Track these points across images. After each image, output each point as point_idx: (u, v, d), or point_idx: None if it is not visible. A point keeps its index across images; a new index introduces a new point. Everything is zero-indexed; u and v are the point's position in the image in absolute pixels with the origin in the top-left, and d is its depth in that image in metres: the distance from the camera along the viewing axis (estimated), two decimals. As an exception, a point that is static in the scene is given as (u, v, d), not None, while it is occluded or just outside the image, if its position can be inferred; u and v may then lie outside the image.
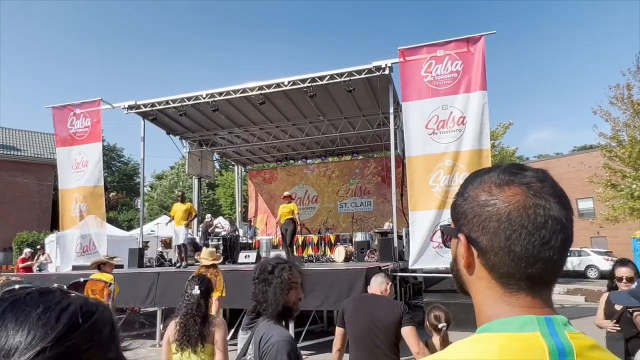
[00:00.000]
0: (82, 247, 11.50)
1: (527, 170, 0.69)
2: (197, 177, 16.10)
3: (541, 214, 0.64)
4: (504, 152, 24.84)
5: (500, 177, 0.68)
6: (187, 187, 32.36)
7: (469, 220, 0.69)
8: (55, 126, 12.22)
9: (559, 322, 0.62)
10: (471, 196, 0.70)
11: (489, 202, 0.67)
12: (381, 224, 14.23)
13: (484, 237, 0.66)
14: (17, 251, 22.27)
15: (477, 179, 0.71)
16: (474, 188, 0.70)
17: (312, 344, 7.63)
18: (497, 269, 0.66)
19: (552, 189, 0.66)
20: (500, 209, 0.65)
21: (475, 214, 0.68)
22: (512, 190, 0.66)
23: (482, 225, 0.67)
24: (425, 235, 8.48)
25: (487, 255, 0.66)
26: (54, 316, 0.41)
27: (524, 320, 0.62)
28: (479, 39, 8.67)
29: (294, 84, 10.67)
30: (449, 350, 0.66)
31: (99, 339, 0.44)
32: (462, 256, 0.70)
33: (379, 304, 3.01)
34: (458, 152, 8.54)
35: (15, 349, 0.37)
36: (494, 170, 0.70)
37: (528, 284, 0.65)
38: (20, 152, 28.91)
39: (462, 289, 0.75)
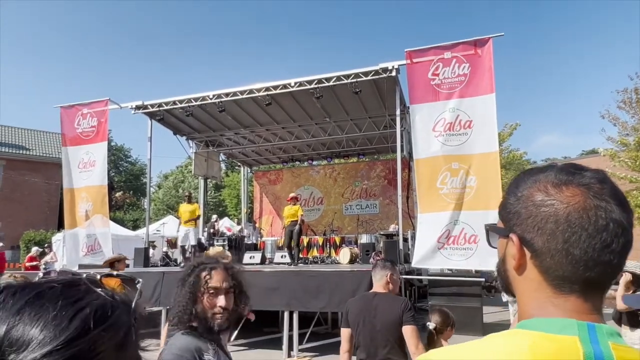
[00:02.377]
0: (87, 247, 11.54)
1: (586, 170, 0.66)
2: (204, 177, 16.15)
3: (602, 217, 0.61)
4: (512, 155, 24.64)
5: (557, 177, 0.66)
6: (192, 187, 32.53)
7: (523, 221, 0.67)
8: (63, 126, 12.31)
9: (603, 330, 0.60)
10: (525, 195, 0.68)
11: (546, 203, 0.65)
12: (386, 226, 14.18)
13: (539, 238, 0.64)
14: (24, 249, 22.48)
15: (531, 178, 0.69)
16: (528, 187, 0.68)
17: (316, 346, 7.62)
18: (552, 271, 0.64)
19: (611, 190, 0.64)
20: (559, 210, 0.63)
21: (530, 214, 0.66)
22: (570, 191, 0.64)
23: (538, 226, 0.65)
24: (432, 237, 8.45)
25: (542, 257, 0.64)
26: (67, 317, 0.41)
27: (563, 323, 0.61)
28: (487, 41, 8.62)
29: (300, 85, 10.68)
30: (481, 341, 0.64)
31: (113, 341, 0.43)
32: (512, 257, 0.68)
33: (379, 303, 2.90)
34: (465, 155, 8.50)
35: (27, 345, 0.37)
36: (550, 169, 0.68)
37: (582, 288, 0.63)
38: (29, 152, 29.20)
39: (507, 289, 0.72)
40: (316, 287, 7.36)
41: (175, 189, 36.33)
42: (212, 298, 1.67)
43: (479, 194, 8.25)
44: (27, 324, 0.39)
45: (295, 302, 7.39)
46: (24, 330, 0.38)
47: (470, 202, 8.31)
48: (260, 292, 7.39)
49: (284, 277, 7.81)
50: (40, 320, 0.39)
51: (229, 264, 1.80)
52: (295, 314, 7.41)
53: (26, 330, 0.38)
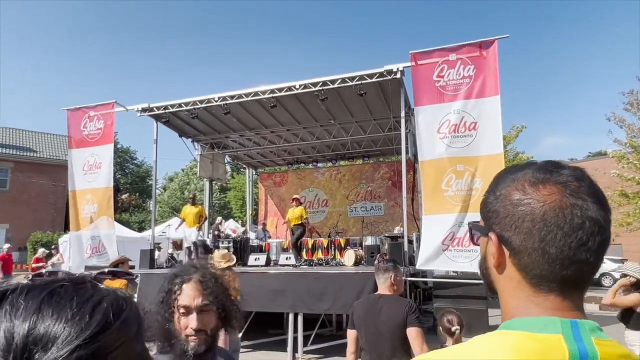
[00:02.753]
0: (92, 249, 11.60)
1: (564, 168, 0.67)
2: (209, 179, 16.21)
3: (578, 215, 0.62)
4: (518, 158, 24.53)
5: (535, 176, 0.66)
6: (198, 189, 32.65)
7: (501, 219, 0.67)
8: (69, 128, 12.40)
9: (585, 326, 0.60)
10: (503, 194, 0.68)
11: (523, 202, 0.65)
12: (391, 228, 14.16)
13: (516, 237, 0.65)
14: (31, 251, 22.65)
15: (510, 177, 0.69)
16: (507, 186, 0.68)
17: (321, 348, 7.62)
18: (530, 269, 0.64)
19: (589, 188, 0.64)
20: (535, 208, 0.64)
21: (508, 213, 0.66)
22: (547, 190, 0.64)
23: (515, 225, 0.65)
24: (437, 239, 8.43)
25: (520, 256, 0.65)
26: (87, 312, 0.42)
27: (546, 321, 0.61)
28: (492, 43, 8.61)
29: (305, 87, 10.71)
30: (465, 344, 0.65)
31: (129, 335, 0.45)
32: (492, 255, 0.69)
33: (385, 305, 2.89)
34: (470, 157, 8.48)
35: (53, 342, 0.38)
36: (528, 167, 0.68)
37: (560, 286, 0.63)
38: (36, 154, 29.44)
39: (490, 288, 0.73)
40: (321, 289, 7.37)
41: (180, 191, 36.49)
42: (183, 318, 1.41)
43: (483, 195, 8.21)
44: (49, 322, 0.39)
45: (300, 304, 7.39)
46: (47, 328, 0.39)
47: (475, 204, 8.29)
48: (265, 294, 7.41)
49: (288, 279, 7.82)
50: (61, 318, 0.40)
51: (207, 274, 1.49)
52: (300, 315, 7.41)
53: (49, 328, 0.39)
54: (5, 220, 27.16)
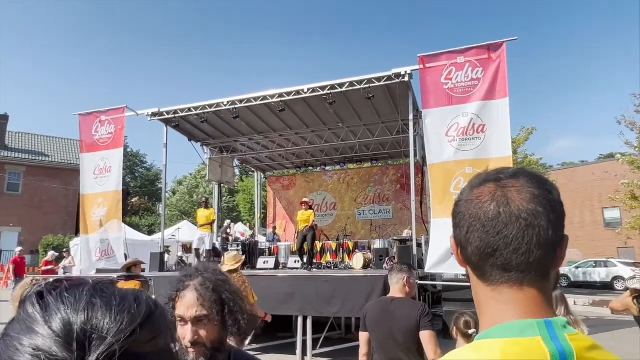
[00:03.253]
0: (101, 252, 11.68)
1: (506, 170, 0.73)
2: (218, 183, 16.32)
3: (494, 207, 0.68)
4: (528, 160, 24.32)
5: (477, 179, 0.74)
6: (207, 192, 32.83)
7: (452, 220, 0.76)
8: (81, 133, 12.54)
9: (558, 324, 0.63)
10: (456, 199, 0.77)
11: (461, 202, 0.74)
12: (400, 231, 14.12)
13: (456, 232, 0.74)
14: (43, 254, 22.91)
15: (469, 184, 0.76)
16: (460, 193, 0.77)
17: (330, 351, 7.62)
18: (469, 261, 0.72)
19: (523, 183, 0.69)
20: (465, 205, 0.72)
21: (454, 213, 0.75)
22: (479, 189, 0.71)
23: (455, 223, 0.74)
24: (446, 242, 8.37)
25: (462, 251, 0.73)
26: (132, 304, 0.46)
27: (524, 325, 0.63)
28: (501, 45, 8.59)
29: (313, 91, 10.76)
30: (453, 353, 0.69)
31: (164, 326, 0.49)
32: (454, 254, 0.77)
33: (397, 308, 2.88)
34: (479, 160, 8.44)
35: (108, 330, 0.42)
36: (480, 174, 0.76)
37: (500, 275, 0.68)
38: (48, 158, 29.82)
39: None
40: (330, 292, 7.37)
41: (189, 195, 36.71)
42: (180, 328, 1.31)
43: None
44: (101, 312, 0.43)
45: (309, 307, 7.41)
46: (101, 318, 0.42)
47: None
48: (274, 297, 7.44)
49: (297, 282, 7.84)
50: (111, 309, 0.43)
51: (209, 280, 1.35)
52: (309, 319, 7.42)
53: (103, 318, 0.42)
54: (17, 223, 27.54)
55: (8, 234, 27.10)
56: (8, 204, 27.61)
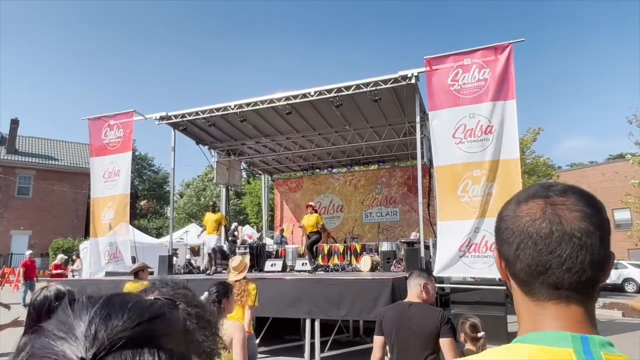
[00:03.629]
0: (109, 255, 11.75)
1: (554, 186, 0.73)
2: (225, 186, 16.39)
3: (547, 225, 0.68)
4: (536, 161, 24.13)
5: (524, 194, 0.74)
6: (214, 195, 32.96)
7: (497, 235, 0.76)
8: (90, 137, 12.68)
9: (595, 341, 0.63)
10: (500, 213, 0.77)
11: (509, 217, 0.74)
12: (407, 233, 14.09)
13: (504, 248, 0.73)
14: (53, 257, 23.14)
15: (513, 199, 0.77)
16: (505, 207, 0.77)
17: (338, 354, 7.61)
18: (518, 277, 0.72)
19: (573, 201, 0.69)
20: (515, 222, 0.72)
21: (499, 228, 0.75)
22: (528, 205, 0.71)
23: (502, 238, 0.74)
24: (454, 245, 8.37)
25: (509, 266, 0.73)
26: (145, 303, 0.52)
27: (558, 336, 0.64)
28: (507, 47, 8.56)
29: (320, 94, 10.79)
30: (481, 355, 0.71)
31: (181, 330, 0.53)
32: (498, 267, 0.77)
33: (415, 313, 2.84)
34: (486, 161, 8.41)
35: (115, 327, 0.46)
36: (526, 189, 0.76)
37: (549, 293, 0.68)
38: (58, 162, 30.12)
39: None
40: (337, 295, 7.37)
41: (196, 198, 36.87)
42: None
43: (500, 201, 8.14)
44: (114, 314, 0.48)
45: (317, 310, 7.41)
46: (111, 319, 0.47)
47: (491, 209, 8.22)
48: (282, 300, 7.45)
49: (305, 285, 7.85)
50: (124, 308, 0.49)
51: (164, 295, 1.06)
52: (317, 321, 7.43)
53: (112, 319, 0.47)
54: (28, 227, 27.85)
55: (19, 237, 27.41)
56: (19, 207, 27.94)
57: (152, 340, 0.47)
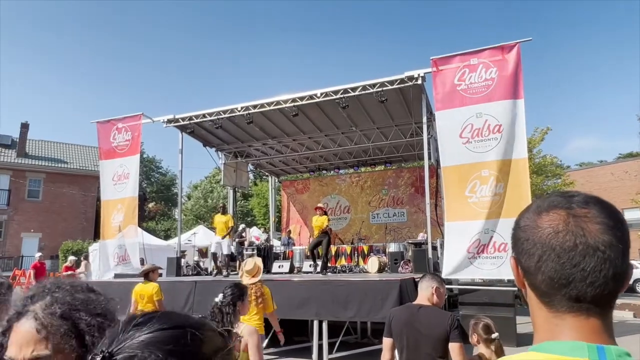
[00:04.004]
0: (118, 257, 11.82)
1: (576, 196, 0.72)
2: (232, 187, 16.46)
3: (571, 237, 0.67)
4: (544, 161, 23.95)
5: (544, 204, 0.74)
6: (221, 197, 33.08)
7: (515, 244, 0.75)
8: (99, 140, 12.79)
9: (612, 352, 0.63)
10: (519, 222, 0.76)
11: (528, 227, 0.73)
12: (415, 234, 14.04)
13: (524, 258, 0.73)
14: (63, 259, 23.36)
15: (532, 207, 0.77)
16: (523, 215, 0.76)
17: (346, 355, 7.60)
18: (537, 288, 0.71)
19: (595, 213, 0.68)
20: (536, 233, 0.71)
21: (519, 238, 0.74)
22: (550, 216, 0.71)
23: (522, 248, 0.73)
24: (462, 246, 8.32)
25: (529, 276, 0.73)
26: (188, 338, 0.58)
27: (574, 345, 0.64)
28: (514, 46, 8.52)
29: (326, 95, 10.81)
30: None
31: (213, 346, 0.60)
32: (514, 276, 0.77)
33: (425, 316, 2.84)
34: (494, 161, 8.37)
35: None
36: (548, 197, 0.76)
37: (569, 305, 0.68)
38: (67, 165, 30.40)
39: (527, 303, 0.80)
40: (345, 296, 7.37)
41: (204, 199, 37.03)
42: None
43: (509, 201, 8.10)
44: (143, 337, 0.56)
45: (325, 312, 7.41)
46: None
47: (499, 210, 8.17)
48: (290, 301, 7.46)
49: (313, 286, 7.85)
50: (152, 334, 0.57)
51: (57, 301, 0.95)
52: (325, 323, 7.43)
53: None
54: (38, 229, 28.13)
55: (29, 239, 27.70)
56: (29, 210, 28.24)
57: None
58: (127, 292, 6.32)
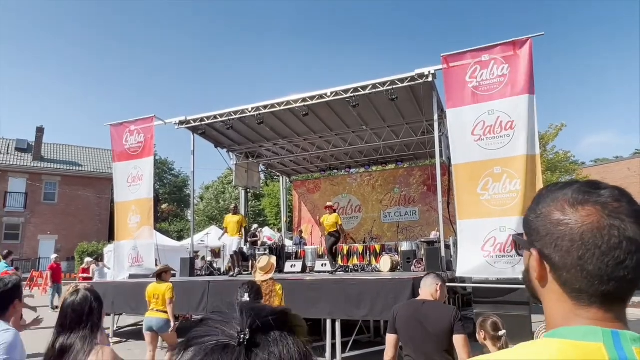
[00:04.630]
0: (132, 258, 11.87)
1: (603, 188, 0.70)
2: (244, 188, 16.54)
3: (615, 235, 0.65)
4: (558, 156, 23.65)
5: (574, 196, 0.70)
6: (233, 197, 33.27)
7: (542, 237, 0.71)
8: (113, 143, 12.93)
9: (627, 337, 0.63)
10: (544, 213, 0.72)
11: (562, 222, 0.69)
12: (427, 233, 13.96)
13: (556, 254, 0.69)
14: (79, 260, 23.72)
15: (551, 196, 0.73)
16: (547, 206, 0.73)
17: (359, 354, 7.60)
18: (569, 285, 0.68)
19: (629, 208, 0.67)
20: (574, 228, 0.67)
21: (548, 231, 0.71)
22: (586, 211, 0.68)
23: (555, 244, 0.69)
24: (475, 245, 8.24)
25: (560, 272, 0.69)
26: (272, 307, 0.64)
27: (588, 330, 0.64)
28: (526, 41, 8.41)
29: (336, 94, 10.79)
30: (510, 349, 0.70)
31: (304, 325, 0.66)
32: (534, 269, 0.73)
33: (429, 311, 2.88)
34: (507, 158, 8.28)
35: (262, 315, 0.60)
36: (568, 188, 0.72)
37: (601, 300, 0.67)
38: (82, 168, 30.86)
39: (535, 298, 0.77)
40: (358, 295, 7.36)
41: (216, 200, 37.28)
42: None
43: (525, 198, 8.00)
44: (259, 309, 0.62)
45: (337, 311, 7.42)
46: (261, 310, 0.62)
47: (515, 207, 8.07)
48: (303, 301, 7.48)
49: (325, 285, 7.86)
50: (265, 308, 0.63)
51: None
52: (338, 322, 7.43)
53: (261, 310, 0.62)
54: (54, 231, 28.64)
55: (46, 241, 28.21)
56: (45, 212, 28.77)
57: (290, 327, 0.60)
58: (142, 292, 6.41)
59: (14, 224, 28.14)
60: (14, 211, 28.15)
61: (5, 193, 28.04)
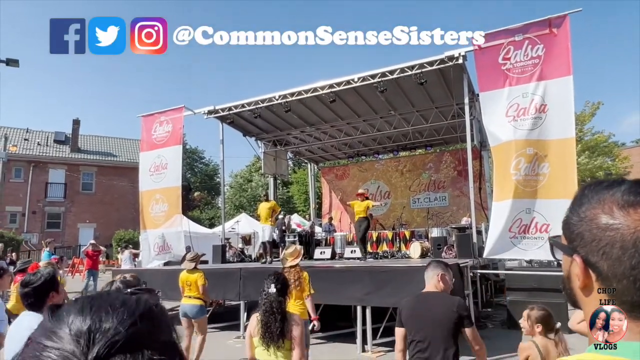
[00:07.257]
0: (158, 247, 12.04)
1: None
2: (273, 176, 16.70)
3: None
4: (597, 138, 22.69)
5: (624, 198, 0.63)
6: (261, 185, 33.65)
7: (587, 243, 0.64)
8: (143, 133, 13.25)
9: None
10: (588, 216, 0.65)
11: (612, 226, 0.62)
12: (457, 219, 13.75)
13: (604, 262, 0.62)
14: (116, 248, 24.64)
15: (596, 197, 0.66)
16: (592, 207, 0.65)
17: (390, 341, 7.61)
18: (619, 296, 0.62)
19: None
20: (625, 235, 0.61)
21: (595, 237, 0.64)
22: (638, 214, 0.61)
23: (603, 251, 0.62)
24: (503, 226, 8.10)
25: (608, 282, 0.62)
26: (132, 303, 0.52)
27: (638, 348, 0.59)
28: (563, 19, 8.03)
29: (364, 80, 10.66)
30: None
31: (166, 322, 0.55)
32: (577, 277, 0.66)
33: (434, 303, 2.89)
34: (540, 140, 8.02)
35: (108, 329, 0.48)
36: (616, 187, 0.65)
37: None
38: (116, 158, 31.88)
39: (575, 305, 0.71)
40: (388, 282, 7.35)
41: (243, 190, 37.75)
42: None
43: (553, 182, 7.80)
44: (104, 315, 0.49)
45: (367, 298, 7.44)
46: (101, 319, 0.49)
47: (543, 190, 7.88)
48: (332, 287, 7.53)
49: (355, 272, 7.88)
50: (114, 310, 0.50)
51: None
52: (368, 308, 7.46)
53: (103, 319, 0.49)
54: (93, 220, 29.83)
55: (85, 229, 29.43)
56: (83, 202, 29.98)
57: (145, 339, 0.48)
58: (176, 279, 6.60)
59: (55, 212, 29.46)
60: (55, 201, 29.44)
61: (46, 184, 29.32)
